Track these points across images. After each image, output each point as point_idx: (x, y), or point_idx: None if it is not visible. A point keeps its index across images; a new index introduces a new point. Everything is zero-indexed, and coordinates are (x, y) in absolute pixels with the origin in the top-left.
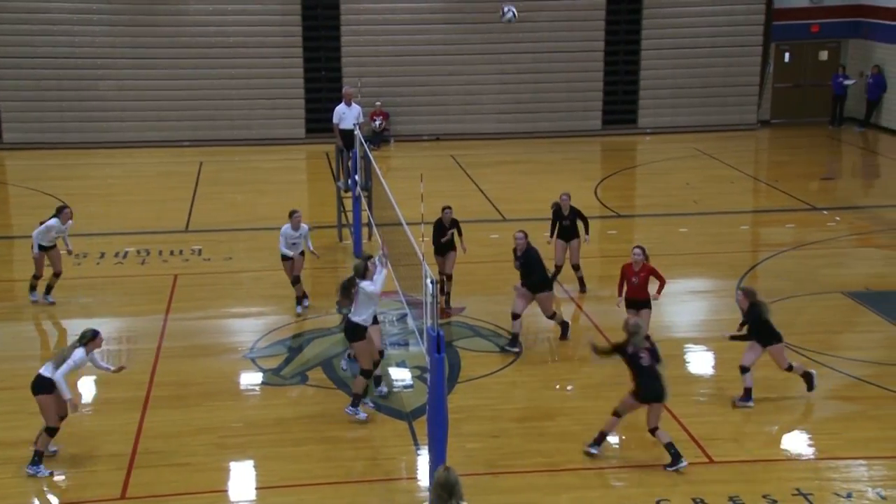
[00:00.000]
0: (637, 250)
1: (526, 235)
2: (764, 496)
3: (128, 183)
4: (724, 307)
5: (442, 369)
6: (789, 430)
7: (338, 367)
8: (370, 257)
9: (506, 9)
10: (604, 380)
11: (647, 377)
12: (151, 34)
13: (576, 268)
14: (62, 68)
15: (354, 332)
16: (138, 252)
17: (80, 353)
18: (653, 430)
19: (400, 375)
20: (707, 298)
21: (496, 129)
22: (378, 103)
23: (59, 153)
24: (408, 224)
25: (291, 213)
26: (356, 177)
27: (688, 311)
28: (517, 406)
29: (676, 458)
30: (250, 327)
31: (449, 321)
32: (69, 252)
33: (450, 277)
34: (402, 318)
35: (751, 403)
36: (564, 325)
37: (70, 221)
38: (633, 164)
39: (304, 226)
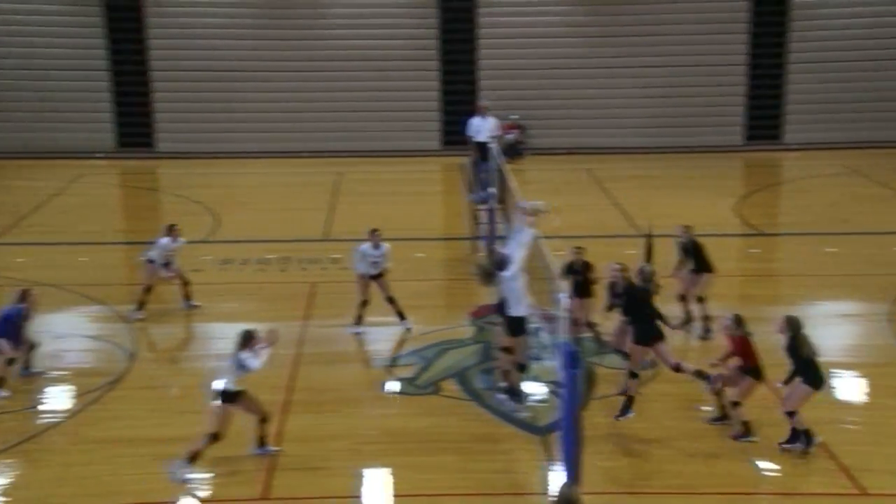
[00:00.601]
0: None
1: (624, 269)
2: None
3: (270, 192)
4: (876, 331)
5: (576, 385)
6: None
7: (473, 379)
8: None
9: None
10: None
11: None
12: (294, 48)
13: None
14: (212, 80)
15: (512, 324)
16: (279, 260)
17: (247, 356)
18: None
19: (533, 390)
20: (857, 322)
21: (632, 143)
22: (514, 117)
23: (207, 162)
24: (542, 238)
25: (371, 232)
26: (490, 189)
27: (836, 335)
28: (654, 425)
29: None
30: (385, 336)
31: (583, 336)
32: (168, 275)
33: (590, 325)
34: (536, 332)
35: (799, 445)
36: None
37: (181, 239)
38: (777, 180)
39: (385, 245)
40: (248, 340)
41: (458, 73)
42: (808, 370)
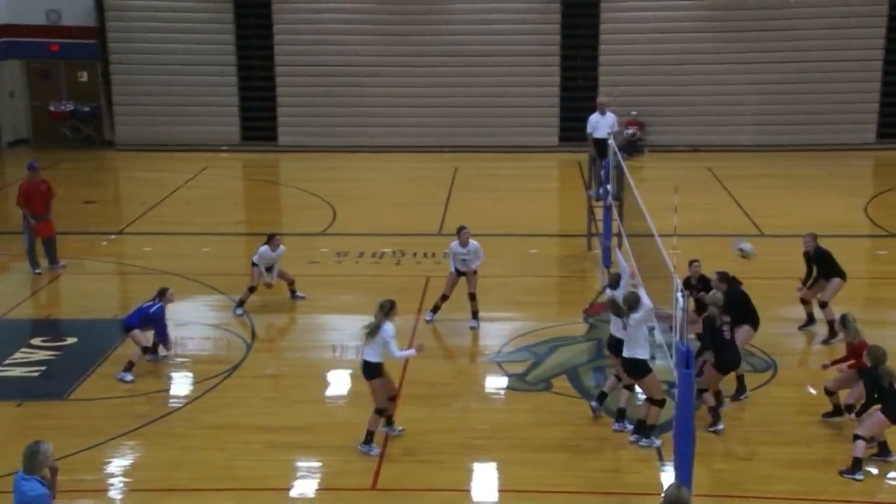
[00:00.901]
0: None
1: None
2: None
3: (387, 186)
4: None
5: (691, 385)
6: None
7: (584, 377)
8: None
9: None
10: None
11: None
12: (414, 43)
13: None
14: (333, 75)
15: (634, 368)
16: (394, 253)
17: (389, 326)
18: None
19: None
20: None
21: (756, 140)
22: (633, 113)
23: (326, 155)
24: (660, 236)
25: (459, 230)
26: (608, 186)
27: None
28: (769, 429)
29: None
30: (497, 331)
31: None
32: (267, 284)
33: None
34: (650, 330)
35: (859, 476)
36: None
37: (281, 247)
38: None
39: (475, 243)
40: (389, 311)
41: (578, 68)
42: (888, 400)
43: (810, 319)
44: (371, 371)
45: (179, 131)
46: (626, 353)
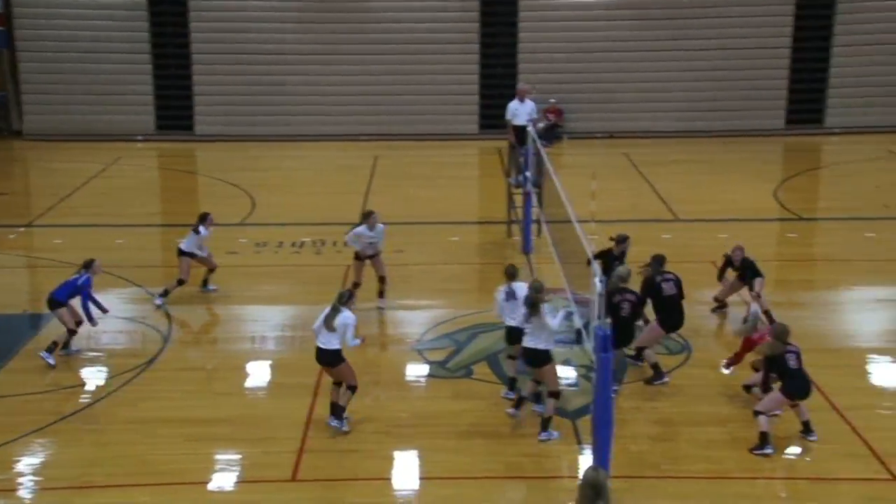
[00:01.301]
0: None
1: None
2: None
3: (307, 175)
4: None
5: (609, 369)
6: None
7: (504, 365)
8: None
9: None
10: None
11: (797, 377)
12: (335, 31)
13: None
14: (251, 63)
15: (536, 358)
16: (314, 243)
17: (349, 315)
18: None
19: (565, 374)
20: (894, 308)
21: (672, 127)
22: (552, 100)
23: (245, 145)
24: (578, 222)
25: (368, 214)
26: (527, 173)
27: (873, 320)
28: (684, 410)
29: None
30: (418, 319)
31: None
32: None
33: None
34: (569, 315)
35: (768, 450)
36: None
37: (211, 228)
38: (817, 165)
39: (381, 226)
40: (348, 300)
41: (497, 56)
42: (786, 378)
43: (722, 304)
44: (334, 357)
45: (92, 121)
46: (528, 343)
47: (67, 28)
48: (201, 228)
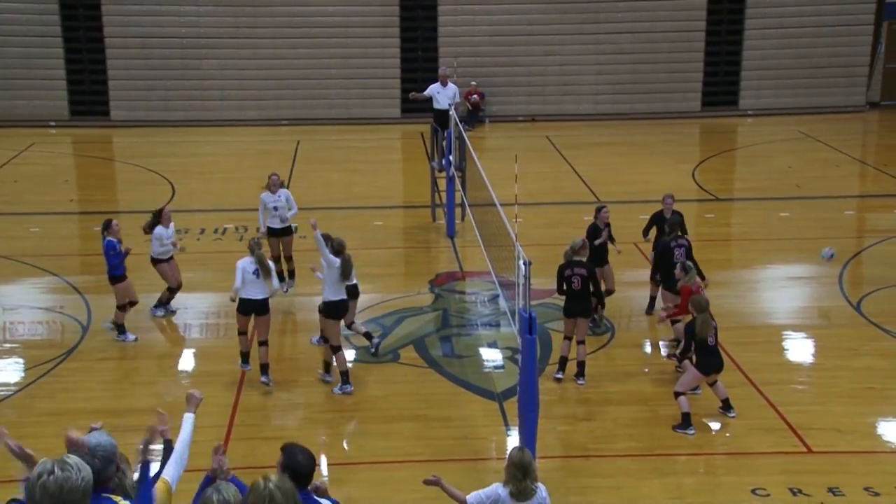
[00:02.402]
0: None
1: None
2: (865, 489)
3: (228, 160)
4: (825, 294)
5: (534, 351)
6: (893, 421)
7: (431, 347)
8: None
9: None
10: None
11: (713, 354)
12: (252, 14)
13: None
14: (168, 48)
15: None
16: (236, 228)
17: (245, 261)
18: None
19: (491, 356)
20: (808, 285)
21: (593, 110)
22: (473, 83)
23: (163, 130)
24: (501, 205)
25: (270, 176)
26: (450, 157)
27: (788, 298)
28: (609, 390)
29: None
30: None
31: (541, 302)
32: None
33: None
34: (494, 298)
35: (690, 431)
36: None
37: (171, 224)
38: (732, 146)
39: (284, 190)
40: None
41: (418, 40)
42: (700, 354)
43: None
44: (265, 306)
45: (3, 106)
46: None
47: None
48: (159, 228)
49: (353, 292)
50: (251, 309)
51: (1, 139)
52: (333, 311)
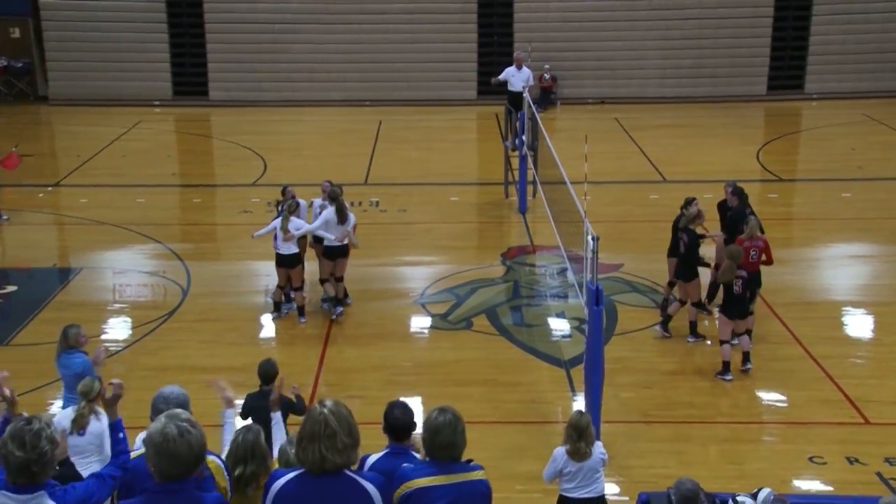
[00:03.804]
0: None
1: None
2: None
3: (314, 139)
4: (885, 272)
5: (599, 321)
6: None
7: (502, 316)
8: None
9: None
10: (755, 337)
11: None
12: (339, 1)
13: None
14: (261, 32)
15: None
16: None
17: (297, 221)
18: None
19: (559, 326)
20: (868, 263)
21: (660, 93)
22: (546, 66)
23: (256, 110)
24: (570, 183)
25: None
26: (523, 137)
27: (848, 275)
28: (670, 360)
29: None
30: (421, 275)
31: (607, 276)
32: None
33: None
34: (563, 271)
35: (729, 377)
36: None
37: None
38: (796, 129)
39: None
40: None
41: (494, 26)
42: (725, 298)
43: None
44: (296, 260)
45: (113, 86)
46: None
47: None
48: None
49: (338, 251)
50: (336, 254)
51: (111, 117)
52: (330, 253)
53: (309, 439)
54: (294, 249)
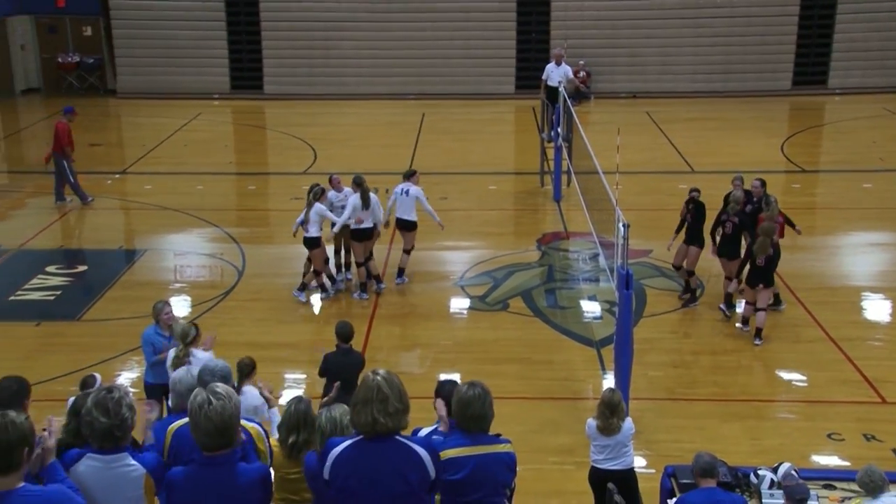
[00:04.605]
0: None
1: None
2: None
3: (361, 130)
4: None
5: (629, 304)
6: None
7: (537, 298)
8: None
9: None
10: (777, 321)
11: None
12: (385, 0)
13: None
14: (312, 30)
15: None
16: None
17: (318, 206)
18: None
19: (590, 308)
20: (888, 251)
21: (689, 88)
22: (581, 62)
23: (307, 103)
24: (603, 173)
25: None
26: (558, 129)
27: (868, 262)
28: (696, 341)
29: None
30: (460, 259)
31: (637, 261)
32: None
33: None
34: (595, 256)
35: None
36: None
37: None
38: (820, 122)
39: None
40: (321, 195)
41: (532, 24)
42: (750, 272)
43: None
44: (315, 242)
45: (175, 80)
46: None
47: None
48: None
49: (362, 234)
50: (363, 236)
51: (174, 109)
52: (358, 236)
53: (363, 403)
54: (315, 233)
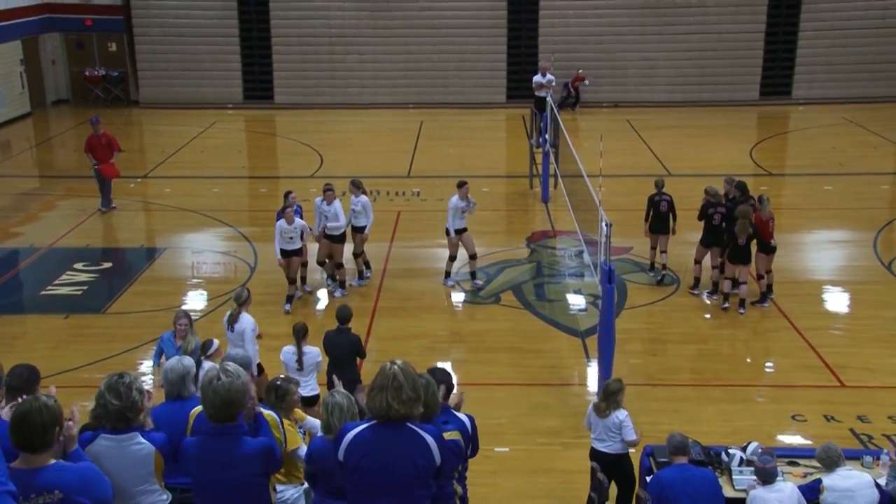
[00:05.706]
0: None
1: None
2: (889, 417)
3: (364, 136)
4: (861, 255)
5: (612, 297)
6: None
7: (527, 292)
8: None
9: None
10: (749, 312)
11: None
12: (386, 17)
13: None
14: (320, 44)
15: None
16: (370, 192)
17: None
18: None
19: (576, 301)
20: (847, 247)
21: (667, 98)
22: (580, 70)
23: (314, 111)
24: (587, 176)
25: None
26: (546, 136)
27: (829, 258)
28: (674, 331)
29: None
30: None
31: (619, 258)
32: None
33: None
34: (580, 253)
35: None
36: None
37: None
38: (785, 130)
39: (338, 201)
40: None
41: (521, 38)
42: (733, 249)
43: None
44: (343, 237)
45: (193, 91)
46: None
47: (172, 16)
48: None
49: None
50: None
51: (191, 118)
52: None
53: (379, 389)
54: (297, 245)
